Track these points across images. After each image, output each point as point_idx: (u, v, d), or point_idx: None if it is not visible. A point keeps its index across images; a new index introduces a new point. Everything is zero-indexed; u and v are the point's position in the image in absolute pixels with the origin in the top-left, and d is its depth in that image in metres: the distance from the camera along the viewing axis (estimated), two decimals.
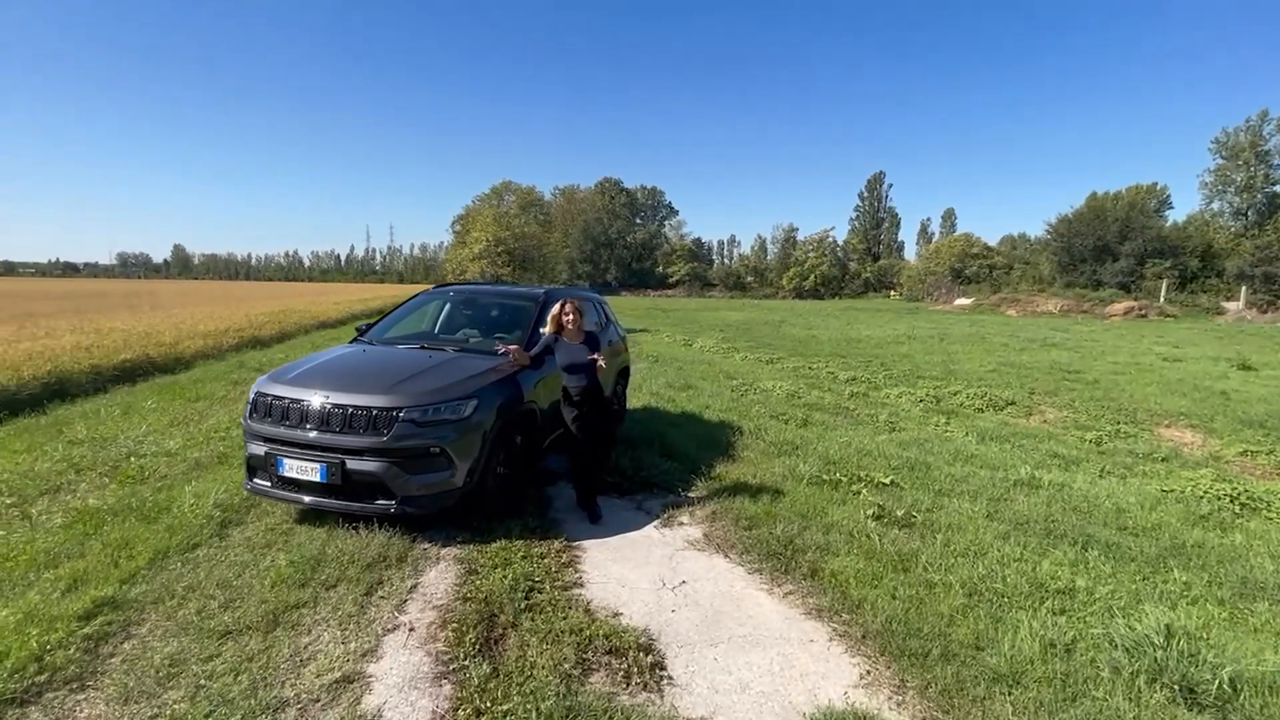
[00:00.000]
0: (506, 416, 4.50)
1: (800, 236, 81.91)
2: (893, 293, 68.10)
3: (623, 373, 7.53)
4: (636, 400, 8.71)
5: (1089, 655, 3.01)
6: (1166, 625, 3.08)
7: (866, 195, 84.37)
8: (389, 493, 3.96)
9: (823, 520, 4.55)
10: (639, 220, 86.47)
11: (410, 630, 3.11)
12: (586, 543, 4.26)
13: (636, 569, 3.90)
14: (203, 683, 2.63)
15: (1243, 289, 36.54)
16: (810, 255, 75.68)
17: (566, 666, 2.81)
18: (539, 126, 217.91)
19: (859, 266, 77.45)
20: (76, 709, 2.51)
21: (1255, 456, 6.89)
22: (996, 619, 3.29)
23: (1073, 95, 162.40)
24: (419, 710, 2.55)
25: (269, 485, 4.19)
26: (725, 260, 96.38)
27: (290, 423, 4.10)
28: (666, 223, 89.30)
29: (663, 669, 2.88)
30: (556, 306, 4.68)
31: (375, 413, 3.97)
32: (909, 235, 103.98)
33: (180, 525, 4.13)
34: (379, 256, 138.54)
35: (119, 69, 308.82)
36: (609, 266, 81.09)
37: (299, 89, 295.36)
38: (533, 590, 3.49)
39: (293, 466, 4.02)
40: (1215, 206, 47.70)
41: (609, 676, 2.81)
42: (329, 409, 4.01)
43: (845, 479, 5.44)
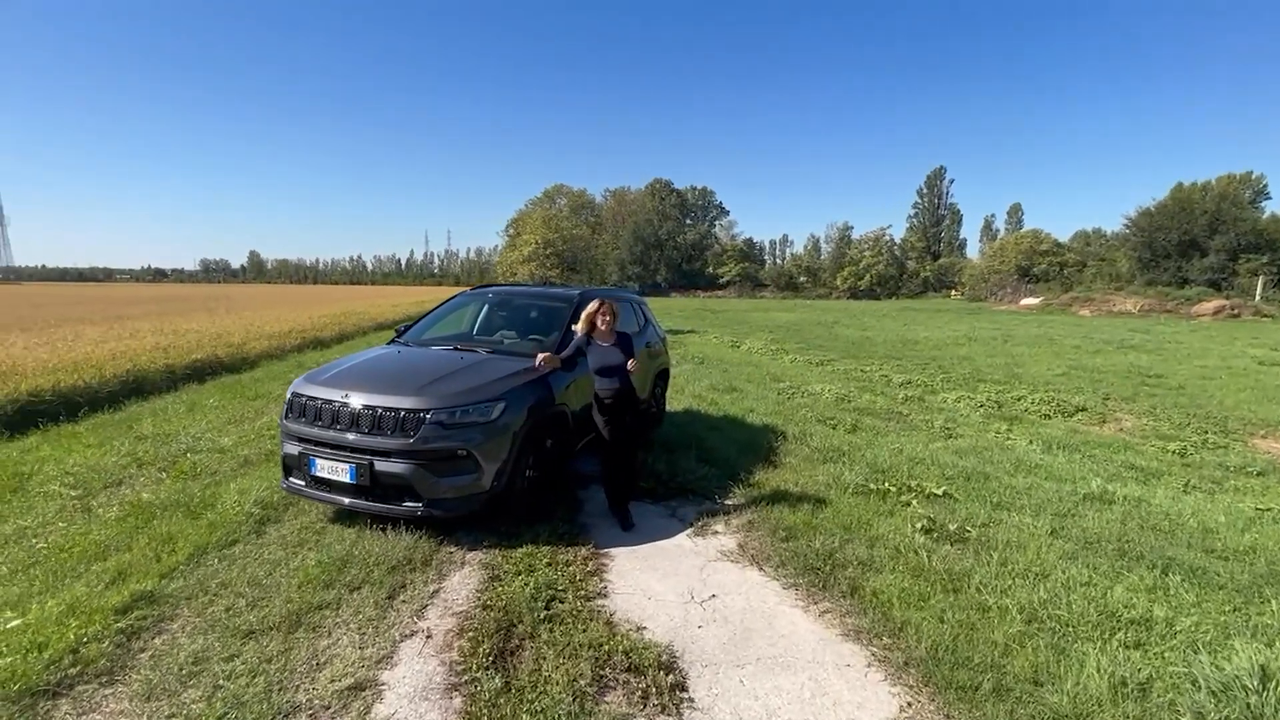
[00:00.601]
0: (536, 419, 4.42)
1: (855, 235, 79.90)
2: (954, 292, 65.58)
3: (661, 375, 7.38)
4: (677, 403, 8.54)
5: (1167, 697, 2.66)
6: (1262, 666, 2.69)
7: (926, 192, 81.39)
8: (416, 495, 3.94)
9: (867, 533, 4.28)
10: (689, 221, 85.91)
11: (427, 637, 3.05)
12: (615, 550, 4.13)
13: (665, 580, 3.74)
14: (221, 683, 2.64)
15: None
16: (866, 254, 73.70)
17: (582, 683, 2.68)
18: (588, 133, 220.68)
19: (917, 265, 74.87)
20: (104, 703, 2.55)
21: None
22: (1059, 651, 2.96)
23: (1155, 82, 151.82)
24: None
25: (303, 485, 4.25)
26: (777, 260, 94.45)
27: (323, 423, 4.14)
28: (717, 223, 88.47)
29: (684, 690, 2.72)
30: (590, 307, 4.58)
31: (403, 414, 3.96)
32: (971, 232, 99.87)
33: (222, 521, 4.24)
34: (437, 260, 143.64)
35: (200, 97, 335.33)
36: (659, 268, 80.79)
37: (359, 106, 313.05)
38: (554, 599, 3.38)
39: (324, 466, 4.06)
40: None
41: (626, 696, 2.66)
42: (359, 410, 4.03)
43: (894, 489, 5.12)
